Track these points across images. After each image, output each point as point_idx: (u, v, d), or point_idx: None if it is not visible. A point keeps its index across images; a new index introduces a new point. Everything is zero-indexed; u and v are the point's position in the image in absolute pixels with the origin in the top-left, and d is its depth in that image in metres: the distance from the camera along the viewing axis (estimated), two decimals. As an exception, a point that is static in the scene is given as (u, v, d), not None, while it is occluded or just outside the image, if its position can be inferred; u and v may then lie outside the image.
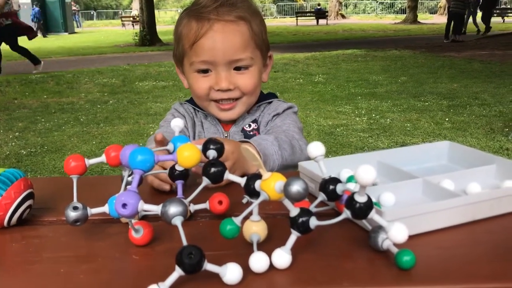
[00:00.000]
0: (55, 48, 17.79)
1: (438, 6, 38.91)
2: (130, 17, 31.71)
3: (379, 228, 0.65)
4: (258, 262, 0.61)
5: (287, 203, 0.63)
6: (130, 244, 0.71)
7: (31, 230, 0.79)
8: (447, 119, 5.61)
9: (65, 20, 29.67)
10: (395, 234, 0.60)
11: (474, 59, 10.76)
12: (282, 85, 8.31)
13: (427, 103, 6.52)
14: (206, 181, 0.67)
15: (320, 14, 30.80)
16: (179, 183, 0.82)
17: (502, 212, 0.78)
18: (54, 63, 12.64)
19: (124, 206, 0.62)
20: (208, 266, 0.58)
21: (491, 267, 0.63)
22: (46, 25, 27.96)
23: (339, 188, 0.66)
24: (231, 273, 0.58)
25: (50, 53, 15.52)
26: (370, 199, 0.61)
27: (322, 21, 30.76)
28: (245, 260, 0.62)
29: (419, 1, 34.79)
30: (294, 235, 0.63)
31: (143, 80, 9.27)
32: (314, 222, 0.62)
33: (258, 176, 0.64)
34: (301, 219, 0.62)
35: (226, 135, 1.33)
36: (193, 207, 0.79)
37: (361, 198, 0.60)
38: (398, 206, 0.81)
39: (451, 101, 6.59)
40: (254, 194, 0.65)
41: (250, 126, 1.33)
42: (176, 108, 1.40)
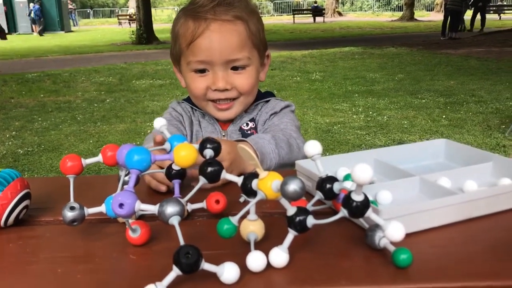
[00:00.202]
0: (52, 46, 17.74)
1: (435, 3, 38.90)
2: (126, 15, 31.64)
3: (376, 226, 0.65)
4: (256, 261, 0.61)
5: (284, 202, 0.63)
6: (127, 244, 0.71)
7: (28, 231, 0.79)
8: (444, 116, 5.62)
9: (61, 18, 29.60)
10: (392, 232, 0.60)
11: (471, 56, 10.78)
12: (279, 83, 8.31)
13: (424, 101, 6.53)
14: (203, 180, 0.67)
15: (317, 11, 30.76)
16: (176, 183, 0.82)
17: (499, 209, 0.79)
18: (50, 62, 12.62)
19: (121, 206, 0.62)
20: (205, 266, 0.58)
21: (488, 265, 0.63)
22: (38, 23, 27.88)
23: (336, 187, 0.66)
24: (229, 272, 0.58)
25: (47, 51, 15.49)
26: (367, 198, 0.61)
27: (319, 18, 30.75)
28: (242, 259, 0.62)
29: (416, -2, 34.82)
30: (291, 234, 0.63)
31: (140, 78, 9.26)
32: (311, 221, 0.62)
33: (255, 175, 0.64)
34: (298, 218, 0.62)
35: (224, 134, 1.33)
36: (190, 207, 0.79)
37: (358, 197, 0.60)
38: (395, 204, 0.82)
39: (448, 98, 6.61)
40: (251, 193, 0.65)
41: (248, 125, 1.33)
42: (173, 107, 1.40)
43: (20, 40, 22.69)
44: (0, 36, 10.07)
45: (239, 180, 0.66)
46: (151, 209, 0.63)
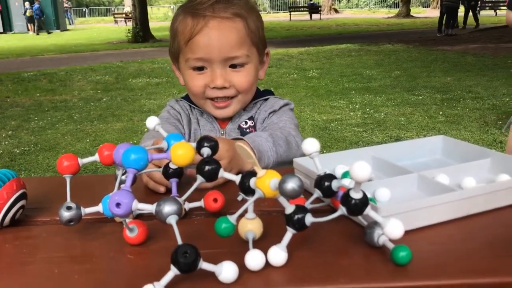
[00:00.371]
0: (47, 45, 17.68)
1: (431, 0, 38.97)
2: (122, 13, 31.57)
3: (375, 224, 0.65)
4: (254, 260, 0.61)
5: (282, 200, 0.62)
6: (124, 243, 0.70)
7: (25, 231, 0.78)
8: (441, 113, 5.63)
9: (57, 17, 29.48)
10: (391, 230, 0.60)
11: (467, 53, 10.79)
12: (276, 80, 8.30)
13: (421, 97, 6.53)
14: (200, 179, 0.66)
15: (313, 9, 30.76)
16: (173, 182, 0.82)
17: (497, 206, 0.78)
18: (46, 61, 12.58)
19: (118, 205, 0.61)
20: (203, 265, 0.57)
21: (487, 262, 0.63)
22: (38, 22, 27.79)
23: (335, 184, 0.65)
24: (227, 271, 0.58)
25: (43, 50, 15.44)
26: (365, 196, 0.60)
27: (315, 16, 30.75)
28: (240, 258, 0.62)
29: (412, -5, 34.84)
30: (289, 232, 0.62)
31: (137, 77, 9.24)
32: (309, 219, 0.61)
33: (253, 173, 0.64)
34: (296, 216, 0.61)
35: (223, 133, 1.32)
36: (187, 205, 0.78)
37: (356, 195, 0.60)
38: (393, 202, 0.81)
39: (445, 94, 6.62)
40: (249, 192, 0.64)
41: (247, 123, 1.33)
42: (171, 105, 1.39)
43: (15, 39, 22.60)
44: None
45: (237, 178, 0.66)
46: (149, 208, 0.62)
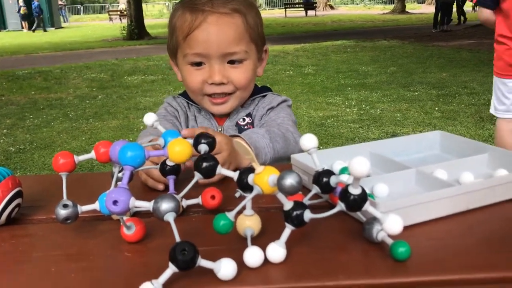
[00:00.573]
0: (42, 43, 17.60)
1: (426, -5, 38.97)
2: (117, 11, 31.44)
3: (374, 219, 0.65)
4: (253, 256, 0.60)
5: (281, 197, 0.62)
6: (122, 241, 0.70)
7: (21, 229, 0.78)
8: (437, 109, 5.64)
9: (51, 15, 29.36)
10: (390, 225, 0.60)
11: (463, 48, 10.81)
12: (272, 77, 8.29)
13: (417, 93, 6.54)
14: (198, 176, 0.66)
15: (308, 5, 30.70)
16: (171, 179, 0.81)
17: (495, 201, 0.78)
18: (41, 59, 12.53)
19: (115, 203, 0.61)
20: (202, 262, 0.57)
21: (485, 257, 0.63)
22: (32, 20, 27.65)
23: (333, 180, 0.65)
24: (226, 268, 0.58)
25: (37, 48, 15.37)
26: (364, 191, 0.60)
27: (311, 12, 30.70)
28: (239, 255, 0.61)
29: (407, -9, 34.85)
30: (288, 229, 0.62)
31: (132, 74, 9.21)
32: (308, 215, 0.61)
33: (251, 170, 0.64)
34: (295, 213, 0.61)
35: (220, 130, 1.32)
36: (185, 202, 0.78)
37: (355, 190, 0.60)
38: (391, 197, 0.81)
39: (440, 90, 6.62)
40: (247, 188, 0.64)
41: (244, 120, 1.32)
42: (169, 102, 1.38)
43: (9, 37, 22.49)
44: None
45: (235, 175, 0.65)
46: (146, 205, 0.62)
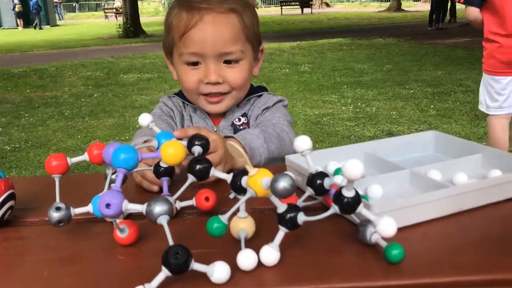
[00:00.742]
0: (37, 41, 17.53)
1: (422, -7, 39.01)
2: (113, 8, 31.32)
3: (368, 221, 0.65)
4: (246, 259, 0.60)
5: (274, 199, 0.62)
6: (115, 244, 0.69)
7: (13, 232, 0.77)
8: (432, 107, 5.65)
9: (47, 12, 29.25)
10: (384, 228, 0.60)
11: (458, 46, 10.83)
12: (268, 75, 8.29)
13: (412, 91, 6.55)
14: (191, 178, 0.66)
15: (304, 3, 30.68)
16: (165, 180, 0.81)
17: (489, 201, 0.78)
18: (36, 57, 12.48)
19: (107, 206, 0.60)
20: (195, 266, 0.57)
21: (479, 259, 0.63)
22: (27, 18, 27.53)
23: (327, 182, 0.65)
24: (219, 272, 0.57)
25: (32, 46, 15.31)
26: (357, 194, 0.60)
27: (306, 10, 30.69)
28: (233, 257, 0.61)
29: (403, -12, 34.83)
30: (282, 231, 0.62)
31: (128, 72, 9.19)
32: (302, 217, 0.61)
33: (245, 172, 0.63)
34: (288, 215, 0.61)
35: (216, 130, 1.31)
36: (179, 204, 0.78)
37: (348, 193, 0.59)
38: (385, 198, 0.81)
39: (436, 88, 6.64)
40: (241, 191, 0.64)
41: (240, 120, 1.32)
42: (164, 101, 1.38)
43: (4, 35, 22.40)
44: None
45: (229, 177, 0.65)
46: (139, 208, 0.62)
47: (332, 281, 0.59)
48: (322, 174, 0.66)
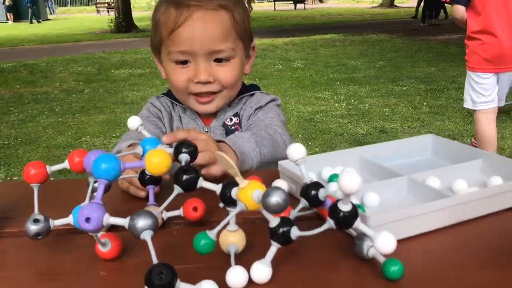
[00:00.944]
0: (28, 35, 17.33)
1: (415, -11, 38.98)
2: (104, 3, 31.04)
3: (364, 235, 0.61)
4: (236, 277, 0.56)
5: (266, 213, 0.58)
6: (97, 258, 0.65)
7: (-10, 243, 0.73)
8: (425, 104, 5.63)
9: (37, 7, 28.92)
10: (382, 244, 0.56)
11: (451, 43, 10.82)
12: (261, 71, 8.24)
13: (405, 88, 6.54)
14: (177, 189, 0.62)
15: (297, -2, 30.61)
16: (150, 189, 0.76)
17: (491, 211, 0.75)
18: (27, 52, 12.34)
19: (87, 220, 0.56)
20: (181, 286, 0.53)
21: (482, 273, 0.60)
22: (18, 12, 27.23)
23: (322, 193, 0.61)
24: (206, 291, 0.54)
25: (23, 41, 15.13)
26: (355, 208, 0.56)
27: (299, 5, 30.60)
28: (221, 273, 0.57)
29: (396, -16, 34.80)
30: (274, 247, 0.58)
31: (119, 68, 9.10)
32: (295, 232, 0.57)
33: (235, 183, 0.59)
34: (281, 230, 0.57)
35: (207, 130, 1.27)
36: (165, 214, 0.74)
37: (345, 207, 0.56)
38: (383, 207, 0.78)
39: (429, 85, 6.63)
40: (231, 203, 0.60)
41: (232, 120, 1.28)
42: (152, 102, 1.33)
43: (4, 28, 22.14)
44: None
45: (218, 188, 0.61)
46: (121, 222, 0.58)
47: (327, 300, 0.55)
48: (317, 185, 0.62)
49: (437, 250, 0.66)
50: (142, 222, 0.56)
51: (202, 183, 0.62)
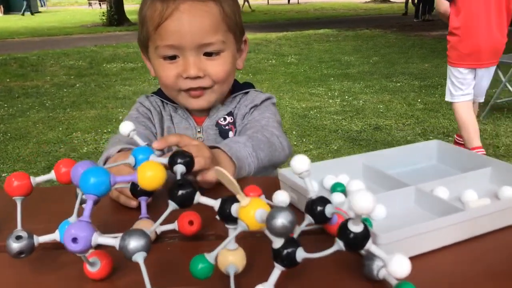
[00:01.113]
0: (18, 28, 17.11)
1: (408, -16, 38.99)
2: (96, -5, 30.77)
3: (374, 255, 0.57)
4: (236, 303, 0.52)
5: (269, 233, 0.53)
6: (85, 277, 0.60)
7: (-30, 259, 0.68)
8: (419, 100, 5.61)
9: (29, -2, 28.59)
10: (396, 268, 0.51)
11: (444, 39, 10.71)
12: (254, 66, 8.17)
13: (399, 84, 6.50)
14: (172, 205, 0.57)
15: (291, -8, 30.52)
16: (143, 200, 0.72)
17: (504, 225, 0.71)
18: (17, 44, 12.17)
19: (74, 240, 0.52)
20: (176, 314, 0.48)
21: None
22: (8, 4, 26.89)
23: (328, 210, 0.57)
24: (205, 320, 0.49)
25: (13, 33, 14.93)
26: (366, 228, 0.52)
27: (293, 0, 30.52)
28: (220, 296, 0.53)
29: (389, -21, 34.78)
30: (277, 269, 0.53)
31: (111, 62, 8.99)
32: (301, 254, 0.52)
33: (234, 199, 0.55)
34: (286, 251, 0.52)
35: (199, 130, 1.22)
36: (159, 228, 0.69)
37: (356, 228, 0.51)
38: (390, 220, 0.73)
39: (423, 81, 6.60)
40: (230, 220, 0.55)
41: (225, 120, 1.23)
42: (141, 101, 1.27)
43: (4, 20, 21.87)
44: None
45: (216, 203, 0.57)
46: (111, 243, 0.53)
47: (335, 329, 0.51)
48: (323, 200, 0.57)
49: (450, 268, 0.62)
50: (134, 243, 0.51)
51: (199, 199, 0.57)
